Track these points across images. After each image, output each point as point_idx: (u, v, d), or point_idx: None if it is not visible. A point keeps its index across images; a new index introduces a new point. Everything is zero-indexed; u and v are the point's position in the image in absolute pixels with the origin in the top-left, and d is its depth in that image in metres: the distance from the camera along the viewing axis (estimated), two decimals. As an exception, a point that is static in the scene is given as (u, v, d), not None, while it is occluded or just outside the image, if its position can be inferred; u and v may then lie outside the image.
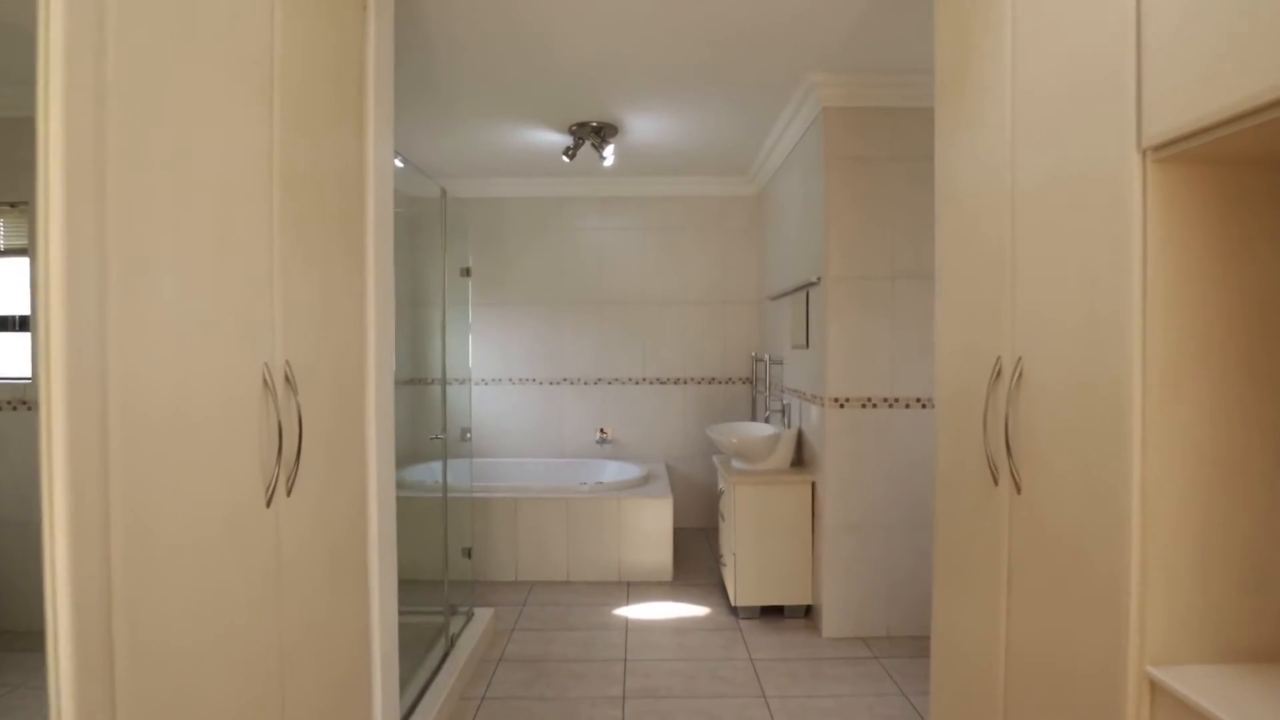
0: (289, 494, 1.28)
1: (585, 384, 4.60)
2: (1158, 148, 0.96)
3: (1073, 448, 1.12)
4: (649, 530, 3.63)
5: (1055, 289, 1.17)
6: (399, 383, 4.33)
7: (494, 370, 4.61)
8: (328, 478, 1.46)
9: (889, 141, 2.86)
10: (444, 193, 2.70)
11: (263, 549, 1.21)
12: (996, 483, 1.35)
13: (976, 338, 1.46)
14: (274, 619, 1.24)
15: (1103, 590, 1.04)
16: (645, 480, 3.95)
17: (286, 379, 1.28)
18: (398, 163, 3.31)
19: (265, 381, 1.21)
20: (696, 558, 3.99)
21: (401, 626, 2.33)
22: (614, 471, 4.33)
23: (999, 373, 1.34)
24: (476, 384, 4.60)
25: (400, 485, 3.77)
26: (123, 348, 0.88)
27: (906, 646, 2.80)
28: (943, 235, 1.66)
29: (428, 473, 3.86)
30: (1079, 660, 1.11)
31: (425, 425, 4.44)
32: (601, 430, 4.59)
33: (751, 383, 4.47)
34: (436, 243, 2.84)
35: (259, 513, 1.19)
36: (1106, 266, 1.03)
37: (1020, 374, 1.26)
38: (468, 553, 2.99)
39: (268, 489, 1.21)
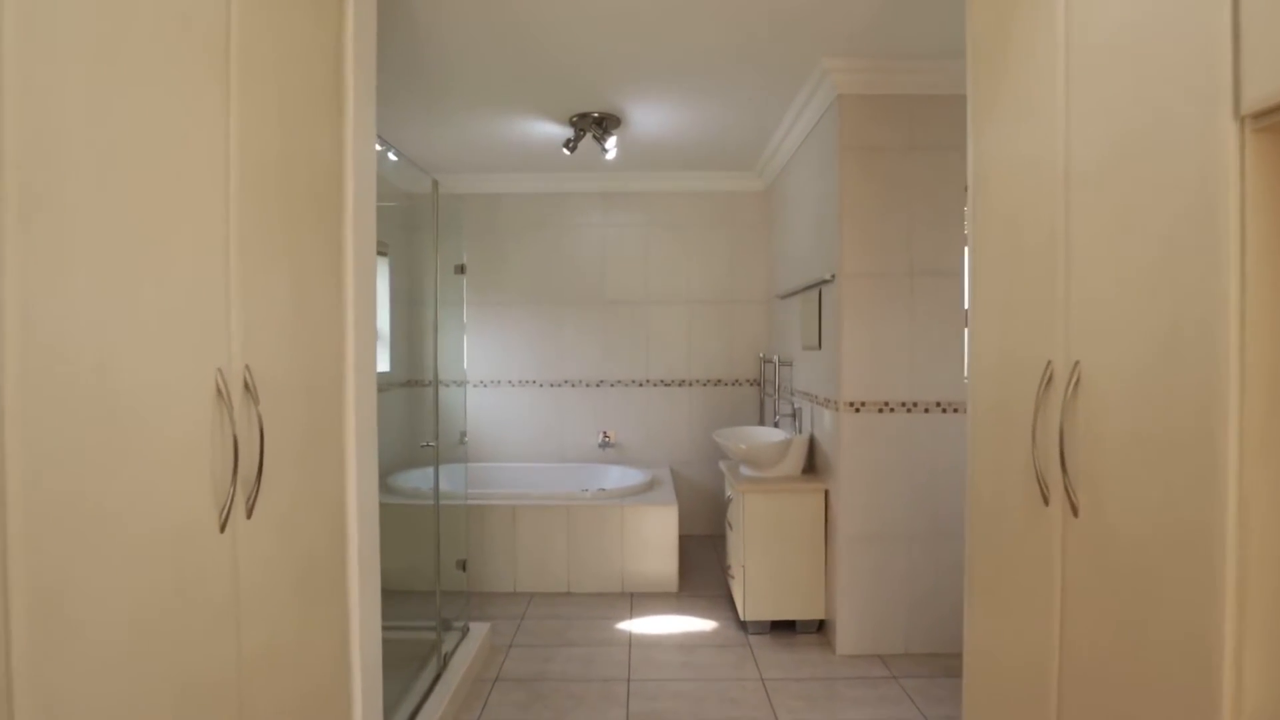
0: (249, 515, 1.14)
1: (587, 386, 4.46)
2: (1259, 115, 0.80)
3: (1148, 466, 0.96)
4: (653, 539, 3.48)
5: (1123, 284, 1.01)
6: (394, 385, 4.21)
7: (492, 372, 4.47)
8: (298, 494, 1.32)
9: (907, 130, 2.71)
10: (435, 185, 2.55)
11: (217, 576, 1.07)
12: (1047, 503, 1.19)
13: (1020, 342, 1.31)
14: (231, 649, 1.10)
15: (1187, 634, 0.89)
16: (649, 486, 3.80)
17: (246, 386, 1.13)
18: (390, 156, 3.18)
19: (219, 390, 1.06)
20: (703, 568, 3.84)
21: (392, 644, 2.19)
22: (617, 477, 4.18)
23: (1049, 380, 1.19)
24: (475, 386, 4.46)
25: (393, 492, 3.64)
26: (22, 352, 0.74)
27: (927, 665, 2.65)
28: (977, 228, 1.51)
29: (423, 479, 3.72)
30: (1157, 715, 0.95)
31: (420, 428, 4.30)
32: (604, 434, 4.45)
33: (759, 385, 4.32)
34: (429, 238, 2.70)
35: (211, 538, 1.05)
36: (1192, 254, 0.88)
37: (1077, 380, 1.11)
38: (462, 565, 2.84)
39: (222, 512, 1.07)
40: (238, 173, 1.12)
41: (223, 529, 1.07)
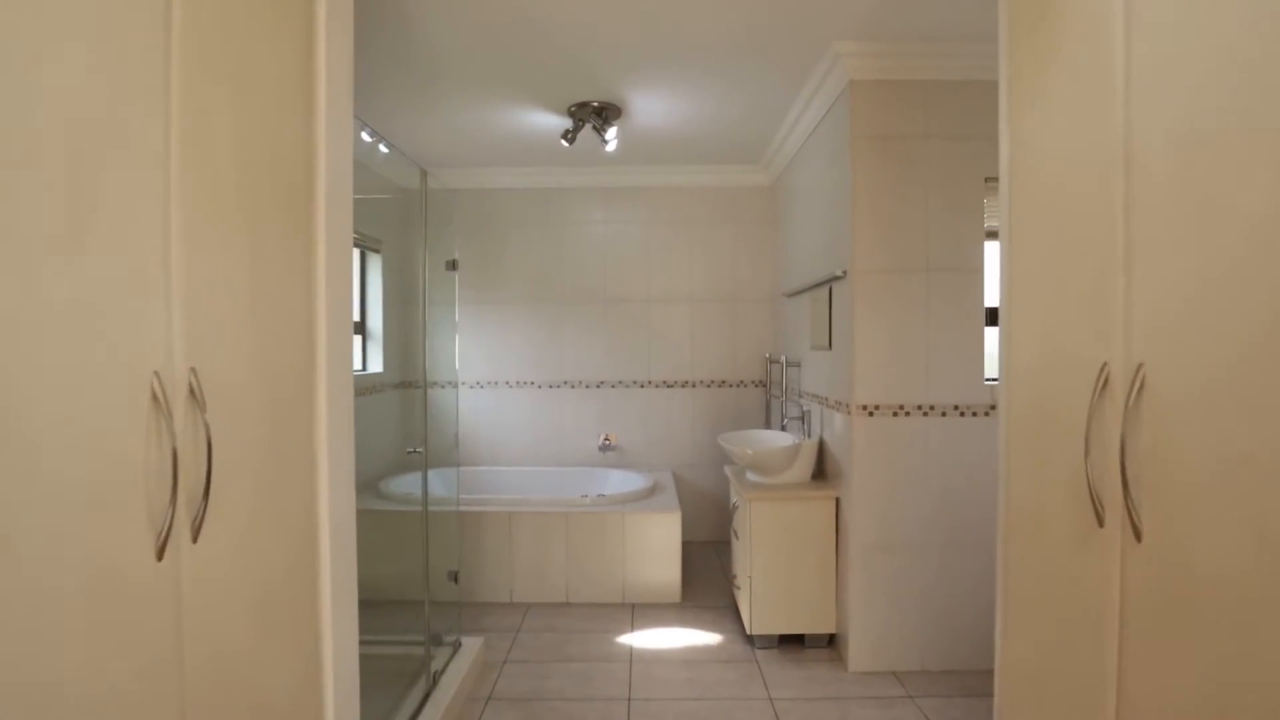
0: (195, 539, 1.00)
1: (587, 387, 4.32)
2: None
3: (1234, 486, 0.82)
4: (656, 546, 3.34)
5: (1201, 277, 0.87)
6: (387, 386, 4.06)
7: (490, 372, 4.33)
8: (257, 512, 1.18)
9: (923, 119, 2.56)
10: (424, 176, 2.41)
11: (154, 611, 0.93)
12: (1102, 524, 1.05)
13: (1066, 342, 1.16)
14: (173, 684, 0.96)
15: (1288, 691, 0.75)
16: (651, 491, 3.66)
17: (191, 391, 1.00)
18: (381, 148, 3.04)
19: (155, 396, 0.92)
20: (707, 576, 3.69)
21: (377, 660, 2.05)
22: (618, 481, 4.04)
23: (1104, 384, 1.05)
24: (471, 388, 4.32)
25: (385, 498, 3.50)
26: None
27: (944, 684, 2.50)
28: (1011, 218, 1.37)
29: (416, 484, 3.58)
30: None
31: (415, 431, 4.16)
32: (605, 436, 4.31)
33: (765, 386, 4.17)
34: (418, 233, 2.56)
35: (147, 569, 0.91)
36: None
37: (1141, 385, 0.97)
38: (454, 577, 2.71)
39: (159, 536, 0.93)
40: (179, 159, 0.98)
41: (160, 555, 0.93)
